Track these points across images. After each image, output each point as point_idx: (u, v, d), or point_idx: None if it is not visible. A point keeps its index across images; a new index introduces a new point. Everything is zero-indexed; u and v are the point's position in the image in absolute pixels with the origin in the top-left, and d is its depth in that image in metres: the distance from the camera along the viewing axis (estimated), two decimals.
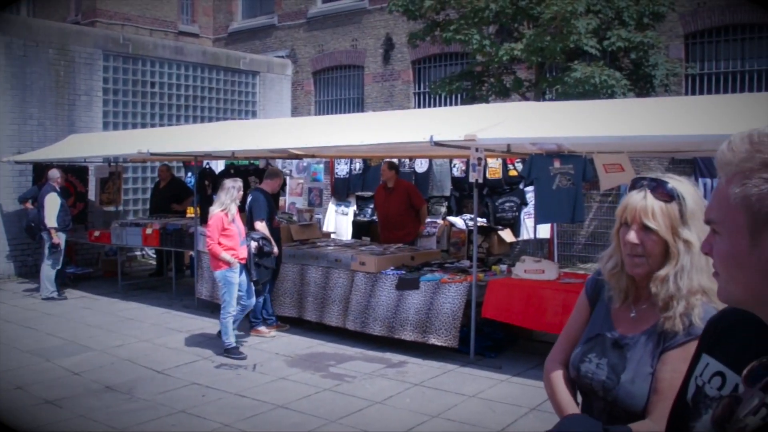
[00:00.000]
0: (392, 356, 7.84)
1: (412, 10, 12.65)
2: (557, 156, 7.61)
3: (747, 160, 1.21)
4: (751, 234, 1.21)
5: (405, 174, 12.25)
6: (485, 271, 8.13)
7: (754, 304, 1.26)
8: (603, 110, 7.77)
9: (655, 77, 11.83)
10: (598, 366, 2.20)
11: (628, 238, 2.08)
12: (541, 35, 10.96)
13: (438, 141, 7.13)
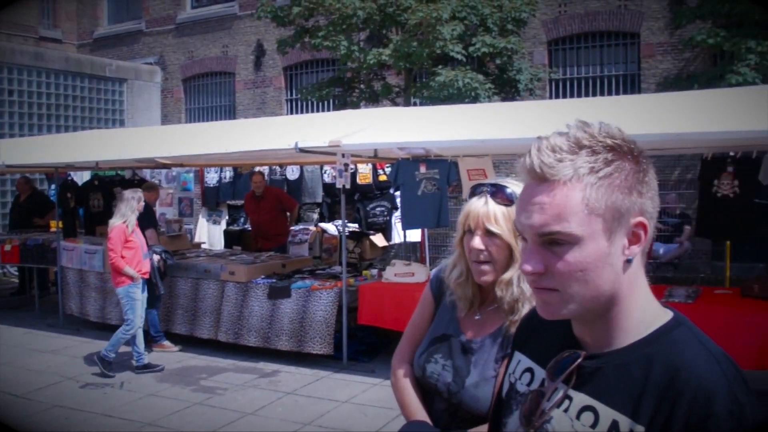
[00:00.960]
0: (265, 366, 7.74)
1: (280, 16, 12.58)
2: (423, 161, 7.71)
3: (582, 164, 1.21)
4: (608, 235, 1.23)
5: (277, 181, 12.17)
6: (356, 276, 8.15)
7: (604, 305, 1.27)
8: (468, 114, 7.94)
9: (519, 82, 12.22)
10: (444, 368, 2.20)
11: (473, 244, 2.08)
12: (408, 41, 11.12)
13: (303, 147, 7.10)
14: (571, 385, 1.29)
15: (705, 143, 7.15)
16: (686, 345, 1.23)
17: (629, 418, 1.20)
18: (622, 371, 1.25)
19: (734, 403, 1.14)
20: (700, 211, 7.92)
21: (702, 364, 1.19)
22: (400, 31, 11.99)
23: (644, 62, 13.25)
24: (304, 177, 12.35)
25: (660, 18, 13.18)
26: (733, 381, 1.17)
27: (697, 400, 1.15)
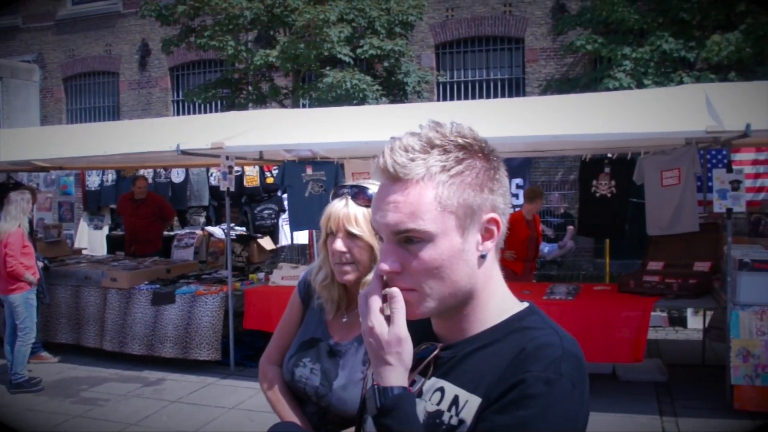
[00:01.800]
0: (150, 374, 7.52)
1: (165, 15, 12.28)
2: (310, 163, 7.68)
3: (434, 163, 1.24)
4: (461, 231, 1.25)
5: (161, 184, 11.87)
6: (243, 281, 8.04)
7: (462, 300, 1.30)
8: (355, 116, 7.95)
9: (407, 84, 12.35)
10: (312, 371, 2.20)
11: (335, 246, 2.10)
12: (295, 43, 11.06)
13: (185, 150, 6.95)
14: (428, 377, 1.33)
15: (583, 145, 7.42)
16: (536, 328, 1.28)
17: (468, 391, 1.25)
18: (475, 355, 1.29)
19: (555, 372, 1.19)
20: (580, 211, 8.22)
21: (543, 338, 1.25)
22: (288, 32, 11.91)
23: (528, 66, 13.65)
24: (190, 180, 12.07)
25: (543, 24, 13.60)
26: (566, 357, 1.22)
27: (523, 362, 1.21)
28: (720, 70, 9.97)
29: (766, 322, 5.93)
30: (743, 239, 7.20)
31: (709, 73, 9.77)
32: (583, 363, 1.25)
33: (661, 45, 10.03)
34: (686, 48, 10.04)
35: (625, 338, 6.26)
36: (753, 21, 9.44)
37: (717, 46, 9.27)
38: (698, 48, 9.91)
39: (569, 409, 1.19)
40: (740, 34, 9.37)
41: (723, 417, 5.93)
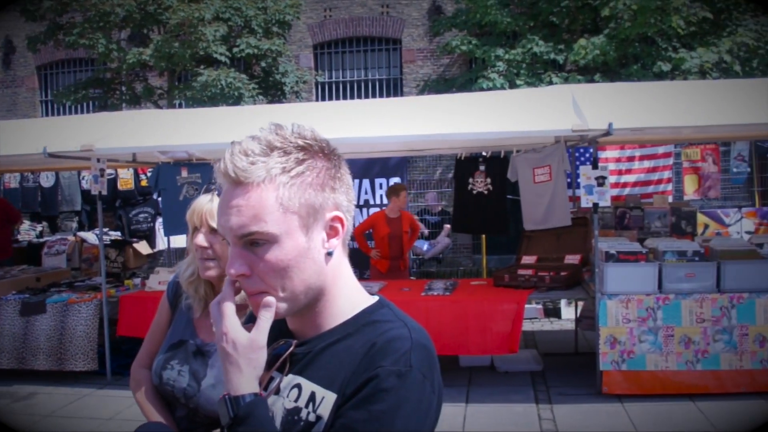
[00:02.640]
0: (20, 389, 7.16)
1: (30, 10, 11.72)
2: (185, 165, 7.53)
3: (274, 165, 1.25)
4: (305, 231, 1.27)
5: (29, 189, 11.36)
6: (118, 287, 7.78)
7: (313, 298, 1.32)
8: (230, 116, 7.82)
9: (285, 84, 12.28)
10: (179, 373, 2.18)
11: (197, 241, 2.09)
12: (170, 41, 10.80)
13: (53, 152, 6.67)
14: (285, 373, 1.35)
15: (459, 144, 7.60)
16: (386, 321, 1.32)
17: (324, 387, 1.28)
18: (328, 350, 1.32)
19: (405, 365, 1.23)
20: (455, 208, 8.40)
21: (393, 331, 1.29)
22: (162, 30, 11.62)
23: (406, 67, 13.84)
24: (60, 184, 11.58)
25: (420, 26, 13.83)
26: (416, 349, 1.26)
27: (375, 357, 1.25)
28: (587, 71, 10.43)
29: (631, 310, 6.26)
30: (610, 232, 7.56)
31: (576, 75, 10.21)
32: (432, 353, 1.30)
33: (532, 47, 10.39)
34: (556, 51, 10.45)
35: (501, 330, 6.47)
36: (616, 26, 9.92)
37: (583, 50, 9.70)
38: (567, 51, 10.32)
39: (421, 399, 1.23)
40: (605, 38, 9.83)
41: (593, 401, 6.22)
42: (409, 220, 8.39)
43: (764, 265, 6.41)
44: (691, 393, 6.27)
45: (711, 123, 6.34)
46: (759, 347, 6.26)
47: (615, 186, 9.94)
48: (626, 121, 5.94)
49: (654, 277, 6.33)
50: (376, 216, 8.39)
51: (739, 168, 11.12)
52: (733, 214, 9.59)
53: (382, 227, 8.18)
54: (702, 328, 6.26)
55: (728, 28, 10.51)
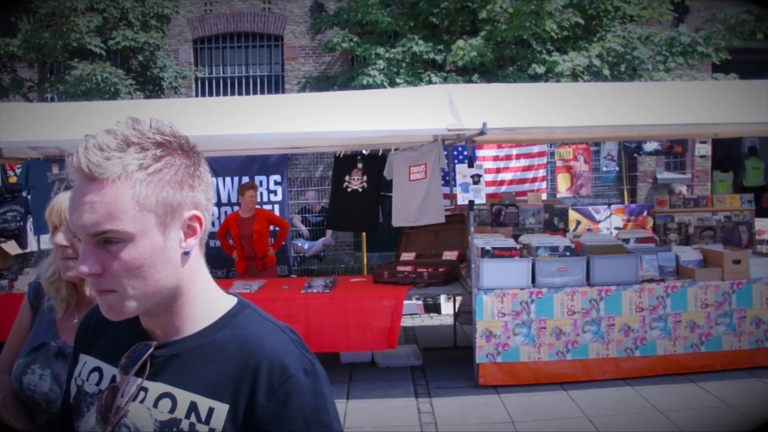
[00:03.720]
0: None
1: None
2: (56, 161, 7.23)
3: (131, 161, 1.21)
4: (162, 230, 1.24)
5: None
6: None
7: (169, 298, 1.29)
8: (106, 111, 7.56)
9: (163, 79, 11.98)
10: (41, 377, 2.10)
11: (56, 240, 2.02)
12: (39, 31, 10.33)
13: None
14: (144, 377, 1.30)
15: (338, 142, 7.62)
16: (254, 323, 1.33)
17: (207, 397, 1.25)
18: (196, 356, 1.29)
19: (306, 362, 1.27)
20: (330, 206, 8.43)
21: (271, 335, 1.30)
22: (31, 19, 11.10)
23: (288, 64, 13.76)
24: None
25: (302, 23, 13.77)
26: (299, 345, 1.30)
27: (274, 367, 1.24)
28: (466, 72, 10.67)
29: (506, 304, 6.46)
30: (486, 229, 7.76)
31: (455, 75, 10.43)
32: (304, 343, 1.33)
33: (412, 47, 10.54)
34: (435, 51, 10.63)
35: (381, 326, 6.55)
36: (493, 28, 10.19)
37: (461, 50, 9.91)
38: (446, 51, 10.52)
39: (329, 387, 1.30)
40: (482, 40, 10.08)
41: (471, 394, 6.39)
42: (266, 219, 8.24)
43: (630, 259, 6.76)
44: (562, 382, 6.54)
45: (582, 124, 6.61)
46: (624, 336, 6.60)
47: (492, 184, 10.23)
48: (500, 121, 6.13)
49: (527, 272, 6.57)
50: (230, 216, 8.30)
51: (608, 167, 11.67)
52: (603, 211, 10.04)
53: (233, 228, 8.11)
54: (572, 321, 6.54)
55: (598, 34, 10.99)
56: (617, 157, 12.02)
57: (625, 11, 11.03)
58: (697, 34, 11.02)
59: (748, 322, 6.82)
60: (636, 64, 10.76)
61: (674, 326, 6.70)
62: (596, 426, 5.61)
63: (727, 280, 6.81)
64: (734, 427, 5.55)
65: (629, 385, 6.52)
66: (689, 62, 11.07)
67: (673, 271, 7.07)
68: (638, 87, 8.70)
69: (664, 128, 7.81)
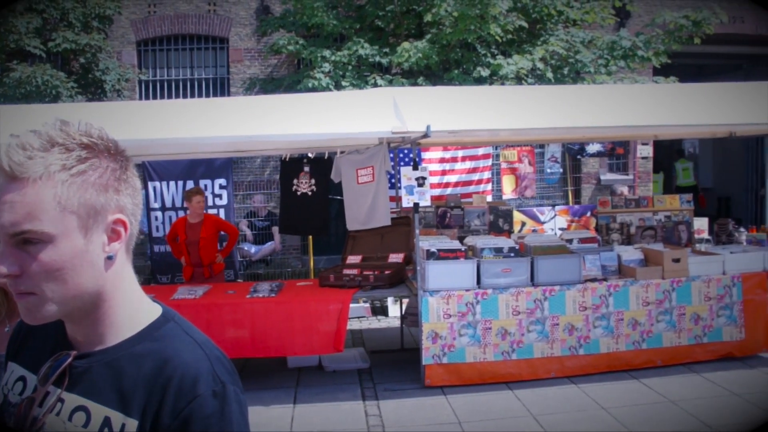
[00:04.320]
0: None
1: None
2: None
3: (54, 161, 1.19)
4: (84, 233, 1.22)
5: None
6: None
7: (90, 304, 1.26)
8: (47, 114, 7.40)
9: (106, 82, 11.78)
10: None
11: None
12: None
13: None
14: (63, 388, 1.28)
15: (285, 145, 7.58)
16: (174, 337, 1.30)
17: (121, 412, 1.23)
18: (113, 369, 1.27)
19: (217, 382, 1.24)
20: (281, 210, 8.38)
21: (187, 352, 1.27)
22: None
23: (233, 66, 13.63)
24: None
25: (248, 25, 13.66)
26: (216, 363, 1.27)
27: (183, 385, 1.22)
28: (411, 75, 10.71)
29: (451, 306, 6.50)
30: (432, 231, 7.80)
31: (401, 78, 10.46)
32: (227, 359, 1.31)
33: (357, 50, 10.54)
34: (381, 54, 10.65)
35: (327, 330, 6.54)
36: (438, 32, 10.25)
37: (407, 53, 9.95)
38: (392, 54, 10.55)
39: (241, 410, 1.26)
40: (427, 43, 10.13)
41: (418, 395, 6.41)
42: (214, 225, 8.07)
43: (573, 260, 6.87)
44: (508, 381, 6.61)
45: (525, 126, 6.69)
46: (568, 335, 6.70)
47: (438, 186, 10.29)
48: (444, 124, 6.17)
49: (472, 274, 6.62)
50: (178, 221, 8.15)
51: (552, 168, 11.84)
52: (548, 212, 10.18)
53: (181, 233, 7.97)
54: (517, 321, 6.61)
55: (542, 38, 11.14)
56: (561, 158, 12.20)
57: (568, 15, 11.18)
58: (638, 38, 11.24)
59: (687, 319, 6.98)
60: (579, 68, 10.93)
61: (617, 324, 6.82)
62: (541, 424, 5.67)
63: (667, 278, 6.97)
64: (674, 421, 5.67)
65: (573, 383, 6.62)
66: (630, 66, 11.28)
67: (615, 270, 7.20)
68: (581, 90, 8.85)
69: (605, 130, 7.96)
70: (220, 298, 6.78)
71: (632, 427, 5.59)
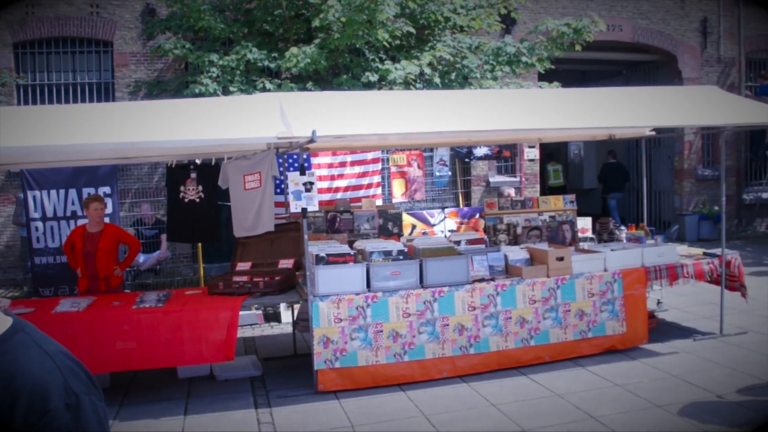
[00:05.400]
0: None
1: None
2: None
3: None
4: None
5: None
6: None
7: None
8: None
9: None
10: None
11: None
12: None
13: None
14: None
15: (170, 151, 7.42)
16: (23, 350, 1.25)
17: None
18: None
19: (70, 395, 1.20)
20: (169, 217, 8.20)
21: (37, 365, 1.23)
22: None
23: (118, 71, 13.23)
24: None
25: (133, 28, 13.30)
26: (68, 374, 1.23)
27: (33, 401, 1.18)
28: (301, 80, 10.67)
29: (342, 310, 6.51)
30: (321, 236, 7.80)
31: (290, 83, 10.40)
32: (80, 367, 1.27)
33: (246, 54, 10.42)
34: (269, 58, 10.56)
35: (217, 339, 6.43)
36: (326, 36, 10.25)
37: (295, 57, 9.91)
38: (280, 59, 10.49)
39: (99, 419, 1.23)
40: (316, 48, 10.12)
41: (311, 401, 6.41)
42: (114, 236, 7.72)
43: (461, 261, 7.00)
44: (401, 383, 6.67)
45: (413, 130, 6.77)
46: (458, 335, 6.83)
47: (328, 191, 10.30)
48: (331, 129, 6.17)
49: (362, 277, 6.65)
50: (76, 229, 7.79)
51: (441, 172, 12.04)
52: (438, 214, 10.33)
53: (78, 242, 7.62)
54: (408, 323, 6.68)
55: (430, 43, 11.31)
56: (450, 162, 12.44)
57: (455, 22, 11.39)
58: (522, 44, 11.57)
59: (572, 315, 7.22)
60: (466, 73, 11.15)
61: (505, 323, 6.99)
62: (433, 424, 5.76)
63: (552, 276, 7.19)
64: (559, 413, 5.87)
65: (465, 382, 6.75)
66: (515, 71, 11.59)
67: (502, 270, 7.38)
68: (468, 94, 9.04)
69: (491, 134, 8.17)
70: (105, 310, 6.57)
71: (519, 421, 5.74)
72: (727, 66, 17.07)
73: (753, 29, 17.26)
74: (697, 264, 7.97)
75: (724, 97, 8.89)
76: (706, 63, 16.87)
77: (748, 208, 17.38)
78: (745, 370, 6.80)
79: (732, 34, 17.05)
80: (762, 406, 5.89)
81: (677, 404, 5.98)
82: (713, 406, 5.93)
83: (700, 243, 14.67)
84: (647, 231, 8.74)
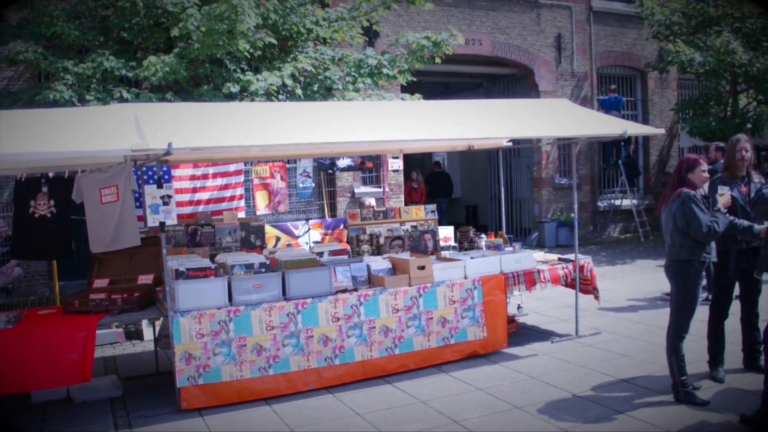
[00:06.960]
0: None
1: None
2: None
3: None
4: None
5: None
6: None
7: None
8: None
9: None
10: None
11: None
12: None
13: None
14: None
15: (16, 165, 7.08)
16: None
17: None
18: None
19: None
20: (15, 233, 7.80)
21: None
22: None
23: None
24: None
25: None
26: None
27: None
28: (161, 89, 10.41)
29: (204, 325, 6.40)
30: (182, 250, 7.64)
31: (149, 93, 10.13)
32: None
33: (102, 62, 10.07)
34: (127, 67, 10.25)
35: (73, 359, 6.18)
36: (186, 46, 10.05)
37: (153, 66, 9.66)
38: (139, 68, 10.20)
39: None
40: (175, 57, 9.90)
41: (174, 419, 6.25)
42: None
43: (324, 272, 7.04)
44: (267, 397, 6.62)
45: (274, 142, 6.75)
46: (323, 346, 6.86)
47: (189, 204, 10.11)
48: (188, 141, 6.05)
49: (224, 291, 6.57)
50: None
51: (305, 183, 12.07)
52: (302, 226, 10.33)
53: None
54: (272, 336, 6.65)
55: (292, 55, 11.30)
56: (313, 173, 12.47)
57: (318, 34, 11.44)
58: (383, 57, 11.75)
59: (434, 323, 7.40)
60: (328, 84, 11.22)
61: (369, 332, 7.07)
62: None
63: (414, 285, 7.34)
64: (423, 419, 6.00)
65: (330, 393, 6.78)
66: (377, 83, 11.75)
67: (365, 280, 7.47)
68: (330, 106, 9.11)
69: (353, 145, 8.27)
70: None
71: (384, 428, 5.83)
72: (580, 80, 18.02)
73: (603, 45, 18.33)
74: (552, 269, 8.34)
75: (575, 109, 9.37)
76: (560, 77, 17.74)
77: (603, 215, 18.38)
78: (599, 369, 7.18)
79: (584, 50, 18.03)
80: (614, 401, 6.23)
81: (536, 404, 6.24)
82: (569, 404, 6.22)
83: (559, 249, 15.38)
84: (506, 238, 9.06)
